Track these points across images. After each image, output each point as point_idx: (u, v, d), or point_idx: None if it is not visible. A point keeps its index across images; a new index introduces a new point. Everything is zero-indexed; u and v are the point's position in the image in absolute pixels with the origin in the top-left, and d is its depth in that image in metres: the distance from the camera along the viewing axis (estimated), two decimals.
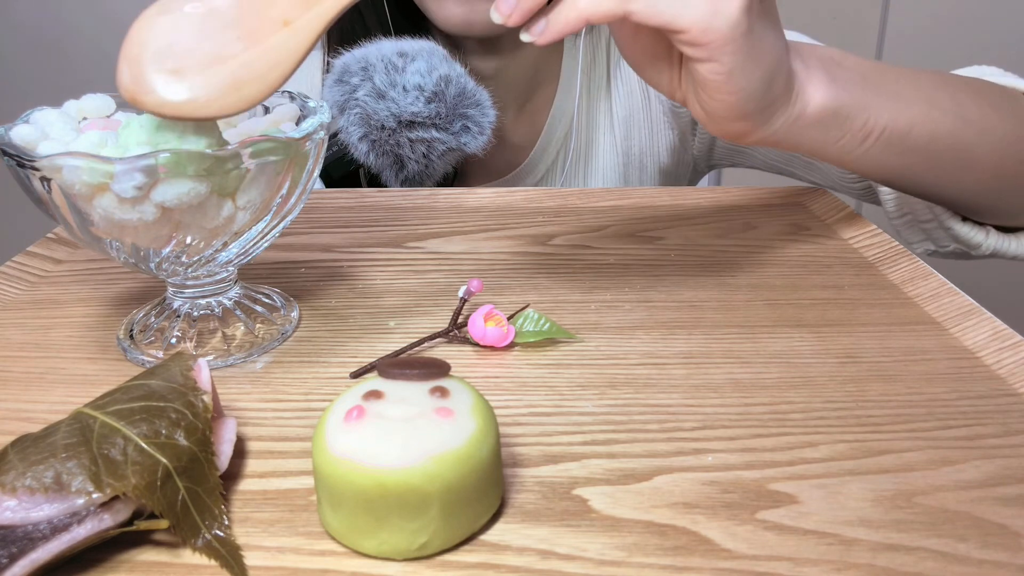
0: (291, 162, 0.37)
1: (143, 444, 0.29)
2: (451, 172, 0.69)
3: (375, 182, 0.67)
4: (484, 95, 0.63)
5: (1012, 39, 1.57)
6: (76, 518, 0.28)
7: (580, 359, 0.41)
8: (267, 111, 0.43)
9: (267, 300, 0.46)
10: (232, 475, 0.33)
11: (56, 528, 0.27)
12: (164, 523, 0.29)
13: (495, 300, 0.47)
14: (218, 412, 0.34)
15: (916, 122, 0.47)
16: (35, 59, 1.66)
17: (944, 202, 0.55)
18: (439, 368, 0.31)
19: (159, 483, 0.29)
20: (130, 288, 0.49)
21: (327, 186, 0.67)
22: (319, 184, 0.68)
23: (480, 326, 0.42)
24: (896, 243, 0.53)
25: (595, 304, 0.47)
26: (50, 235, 0.55)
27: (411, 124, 0.61)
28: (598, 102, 0.77)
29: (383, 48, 0.62)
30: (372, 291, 0.49)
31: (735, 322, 0.45)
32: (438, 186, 0.67)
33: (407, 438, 0.28)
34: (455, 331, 0.43)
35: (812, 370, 0.40)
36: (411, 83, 0.60)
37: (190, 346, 0.42)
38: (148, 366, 0.39)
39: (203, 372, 0.33)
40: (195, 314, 0.43)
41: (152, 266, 0.39)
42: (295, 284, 0.50)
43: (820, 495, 0.32)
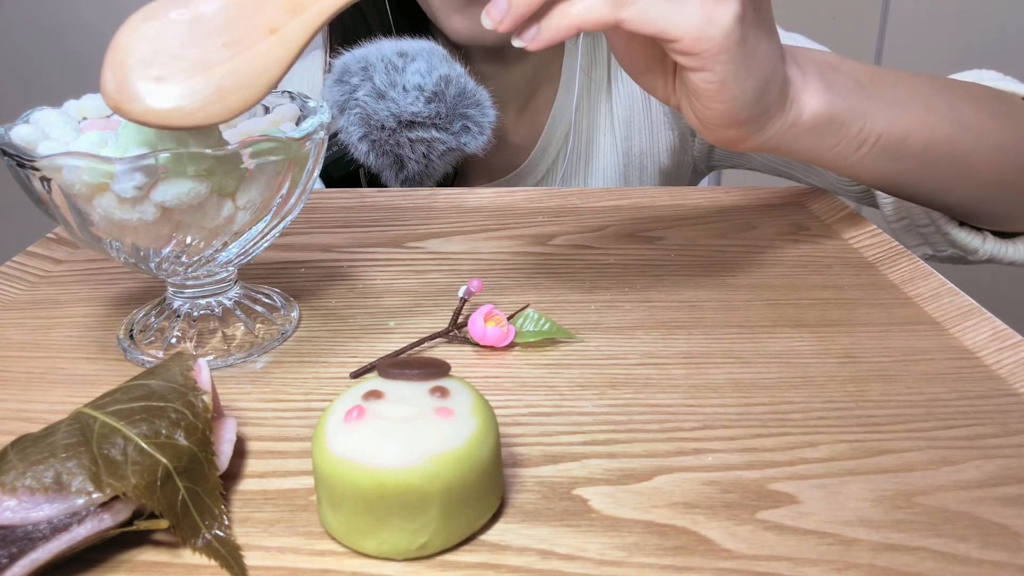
0: (291, 162, 0.37)
1: (143, 444, 0.29)
2: (451, 172, 0.68)
3: (375, 182, 0.67)
4: (484, 95, 0.63)
5: (1012, 39, 1.57)
6: (76, 518, 0.28)
7: (580, 359, 0.41)
8: (267, 111, 0.43)
9: (267, 300, 0.46)
10: (232, 475, 0.33)
11: (56, 528, 0.27)
12: (164, 523, 0.29)
13: (495, 300, 0.47)
14: (218, 412, 0.34)
15: (912, 128, 0.47)
16: (35, 59, 1.66)
17: (942, 207, 0.55)
18: (439, 368, 0.31)
19: (159, 483, 0.29)
20: (130, 288, 0.49)
21: (327, 186, 0.67)
22: (319, 184, 0.68)
23: (480, 326, 0.42)
24: (896, 243, 0.53)
25: (595, 304, 0.47)
26: (50, 235, 0.55)
27: (411, 124, 0.61)
28: (599, 103, 0.77)
29: (383, 48, 0.62)
30: (372, 291, 0.49)
31: (735, 322, 0.45)
32: (438, 186, 0.67)
33: (407, 438, 0.28)
34: (455, 331, 0.43)
35: (812, 370, 0.40)
36: (411, 83, 0.60)
37: (190, 346, 0.42)
38: (148, 366, 0.39)
39: (203, 372, 0.33)
40: (195, 314, 0.43)
41: (152, 266, 0.39)
42: (295, 284, 0.50)
43: (820, 495, 0.32)
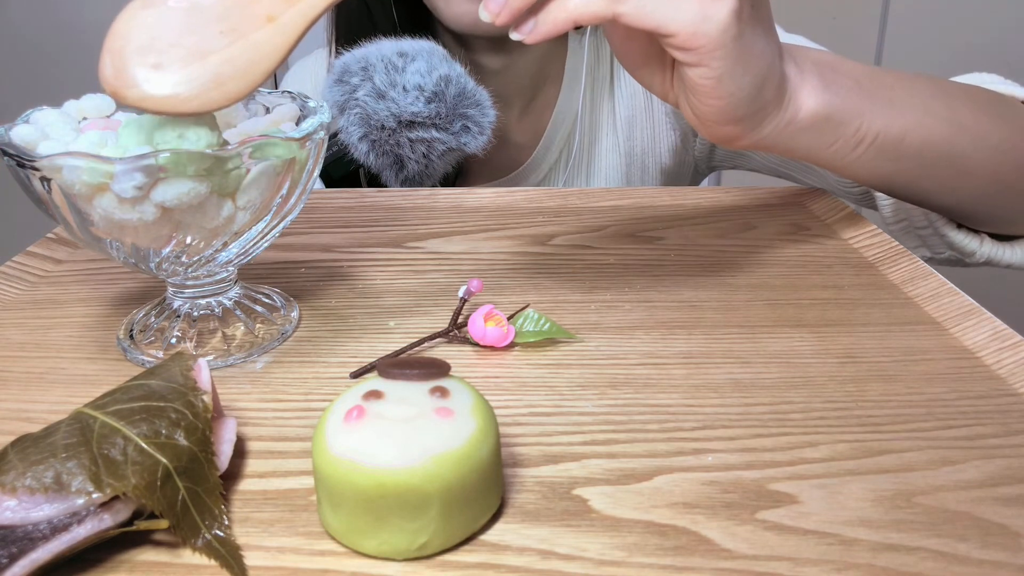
0: (291, 162, 0.37)
1: (143, 444, 0.29)
2: (454, 171, 0.68)
3: (375, 182, 0.67)
4: (484, 95, 0.63)
5: (1012, 40, 1.57)
6: (76, 518, 0.28)
7: (580, 359, 0.41)
8: (267, 111, 0.43)
9: (267, 300, 0.46)
10: (232, 475, 0.33)
11: (56, 528, 0.27)
12: (164, 523, 0.29)
13: (495, 300, 0.47)
14: (218, 412, 0.34)
15: (910, 129, 0.47)
16: (34, 59, 1.66)
17: (940, 209, 0.55)
18: (439, 368, 0.31)
19: (159, 483, 0.29)
20: (130, 288, 0.49)
21: (327, 186, 0.67)
22: (319, 184, 0.68)
23: (480, 326, 0.42)
24: (896, 243, 0.53)
25: (595, 304, 0.47)
26: (50, 235, 0.55)
27: (411, 124, 0.61)
28: (601, 102, 0.77)
29: (383, 48, 0.62)
30: (372, 291, 0.49)
31: (735, 322, 0.45)
32: (441, 185, 0.67)
33: (407, 438, 0.28)
34: (455, 331, 0.43)
35: (812, 370, 0.40)
36: (411, 83, 0.60)
37: (190, 346, 0.42)
38: (148, 366, 0.39)
39: (203, 372, 0.33)
40: (195, 314, 0.43)
41: (152, 266, 0.39)
42: (295, 284, 0.50)
43: (820, 495, 0.32)
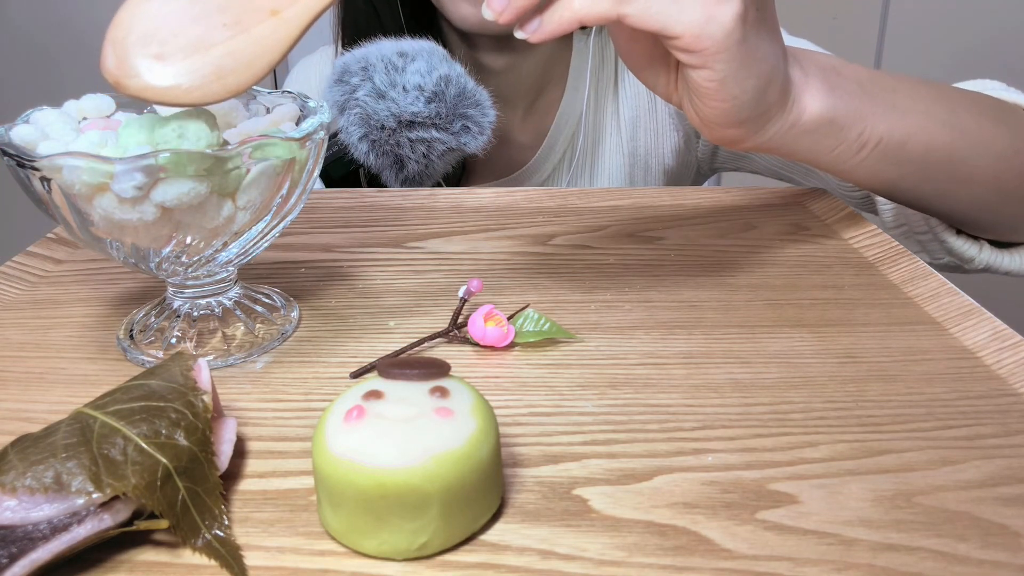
0: (291, 162, 0.37)
1: (143, 444, 0.29)
2: (457, 170, 0.68)
3: (375, 182, 0.67)
4: (484, 95, 0.63)
5: (1012, 40, 1.57)
6: (76, 518, 0.28)
7: (580, 359, 0.41)
8: (267, 111, 0.43)
9: (267, 300, 0.46)
10: (232, 475, 0.33)
11: (56, 528, 0.27)
12: (164, 523, 0.29)
13: (495, 300, 0.47)
14: (218, 412, 0.34)
15: (912, 134, 0.47)
16: (34, 59, 1.66)
17: (941, 214, 0.55)
18: (439, 368, 0.31)
19: (159, 483, 0.29)
20: (130, 288, 0.49)
21: (327, 186, 0.67)
22: (319, 184, 0.68)
23: (480, 326, 0.42)
24: (896, 243, 0.53)
25: (595, 304, 0.47)
26: (50, 235, 0.55)
27: (411, 124, 0.61)
28: (605, 103, 0.77)
29: (383, 48, 0.62)
30: (372, 291, 0.49)
31: (735, 322, 0.45)
32: (445, 184, 0.67)
33: (407, 438, 0.28)
34: (455, 331, 0.43)
35: (812, 370, 0.40)
36: (411, 83, 0.60)
37: (190, 346, 0.42)
38: (148, 366, 0.39)
39: (203, 372, 0.33)
40: (195, 314, 0.43)
41: (152, 266, 0.39)
42: (295, 284, 0.50)
43: (820, 495, 0.32)
